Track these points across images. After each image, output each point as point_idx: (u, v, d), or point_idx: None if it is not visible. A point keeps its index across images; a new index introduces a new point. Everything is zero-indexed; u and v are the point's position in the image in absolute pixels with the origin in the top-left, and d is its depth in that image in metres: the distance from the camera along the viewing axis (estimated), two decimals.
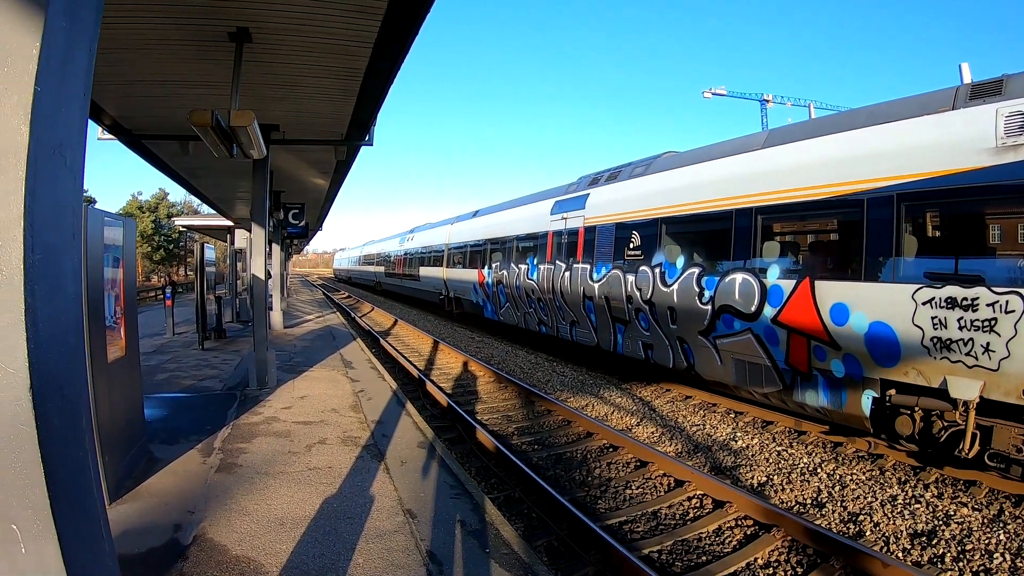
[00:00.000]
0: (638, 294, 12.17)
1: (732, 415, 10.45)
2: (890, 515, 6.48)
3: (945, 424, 7.28)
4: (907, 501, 6.79)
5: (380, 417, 8.85)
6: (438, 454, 7.24)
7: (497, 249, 20.58)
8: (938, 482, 7.34)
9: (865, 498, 6.92)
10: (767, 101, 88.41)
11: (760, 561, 5.68)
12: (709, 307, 10.29)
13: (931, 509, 6.58)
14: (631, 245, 12.63)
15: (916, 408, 7.50)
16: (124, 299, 6.39)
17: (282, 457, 6.99)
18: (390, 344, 18.49)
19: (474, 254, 23.14)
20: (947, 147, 7.13)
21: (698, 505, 6.89)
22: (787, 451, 8.48)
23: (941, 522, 6.29)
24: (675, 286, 11.15)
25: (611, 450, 8.71)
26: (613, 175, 14.51)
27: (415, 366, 14.59)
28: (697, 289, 10.57)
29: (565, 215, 15.72)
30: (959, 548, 5.78)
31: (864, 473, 7.63)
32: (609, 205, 13.85)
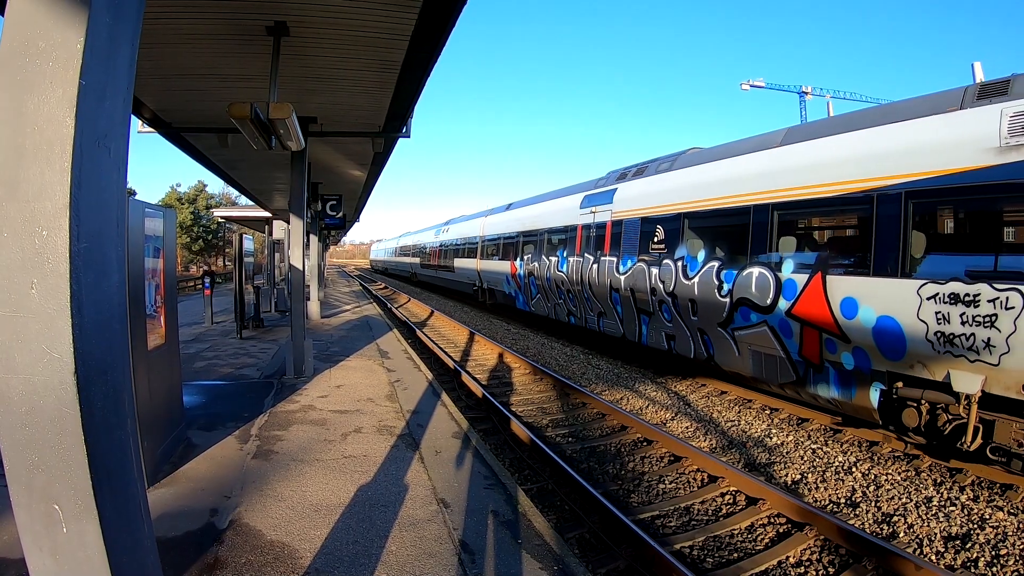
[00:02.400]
0: (661, 286, 12.49)
1: (767, 412, 10.34)
2: (924, 517, 6.36)
3: (950, 417, 7.39)
4: (942, 503, 6.66)
5: (415, 407, 8.92)
6: (472, 444, 7.28)
7: (529, 241, 20.96)
8: (974, 485, 7.18)
9: (900, 499, 6.80)
10: (806, 93, 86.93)
11: (792, 560, 5.62)
12: (728, 300, 10.58)
13: (966, 512, 6.44)
14: (655, 239, 12.96)
15: (922, 401, 7.63)
16: (164, 288, 6.52)
17: (318, 445, 7.09)
18: (426, 335, 18.58)
19: (507, 246, 23.51)
20: (953, 146, 7.26)
21: (731, 501, 6.84)
22: (822, 449, 8.37)
23: (976, 526, 6.15)
24: (696, 279, 11.45)
25: (645, 444, 8.67)
26: (640, 171, 14.77)
27: (451, 357, 14.67)
28: (716, 282, 10.87)
29: (594, 209, 16.03)
30: (993, 553, 5.65)
31: (899, 474, 7.50)
32: (635, 200, 14.12)
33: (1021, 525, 6.10)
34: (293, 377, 10.70)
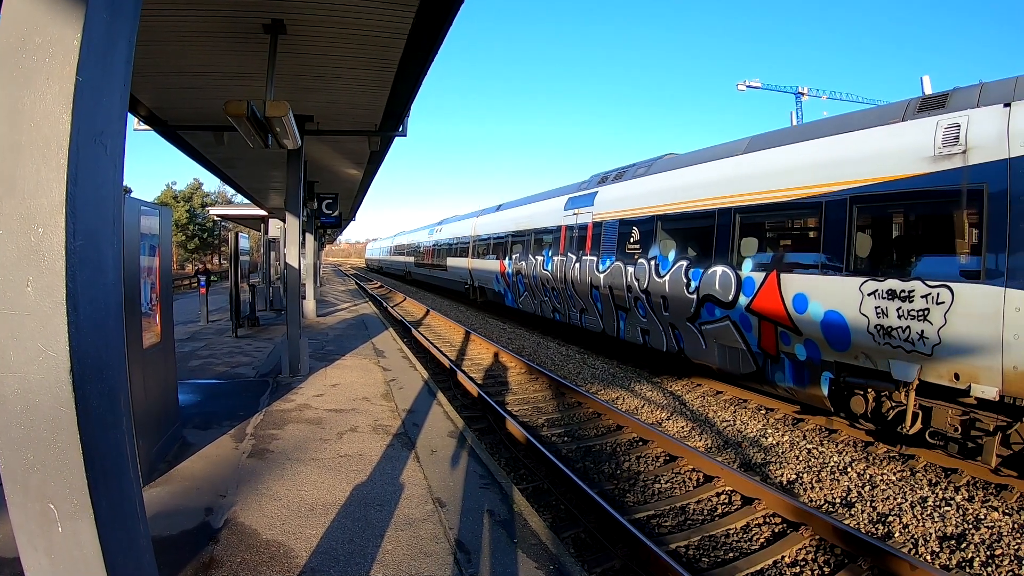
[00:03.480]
0: (637, 284, 13.41)
1: (763, 411, 10.36)
2: (920, 517, 6.37)
3: (892, 404, 8.11)
4: (937, 503, 6.68)
5: (411, 406, 8.91)
6: (468, 444, 7.28)
7: (517, 241, 21.93)
8: (969, 485, 7.20)
9: (895, 499, 6.81)
10: (802, 94, 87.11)
11: (787, 559, 5.63)
12: (695, 296, 11.45)
13: (961, 512, 6.45)
14: (631, 239, 13.86)
15: (867, 389, 8.39)
16: (160, 286, 6.50)
17: (313, 444, 7.08)
18: (422, 334, 18.58)
19: (496, 246, 24.49)
20: (894, 155, 8.00)
21: (727, 501, 6.85)
22: (817, 449, 8.39)
23: (971, 526, 6.17)
24: (667, 277, 12.35)
25: (641, 444, 8.68)
26: (619, 175, 15.69)
27: (446, 356, 14.66)
28: (685, 280, 11.75)
29: (576, 211, 16.97)
30: (988, 553, 5.66)
31: (894, 474, 7.52)
32: (614, 203, 15.05)
33: (1016, 525, 6.12)
34: (289, 376, 10.69)
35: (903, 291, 7.60)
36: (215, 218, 51.23)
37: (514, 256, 21.94)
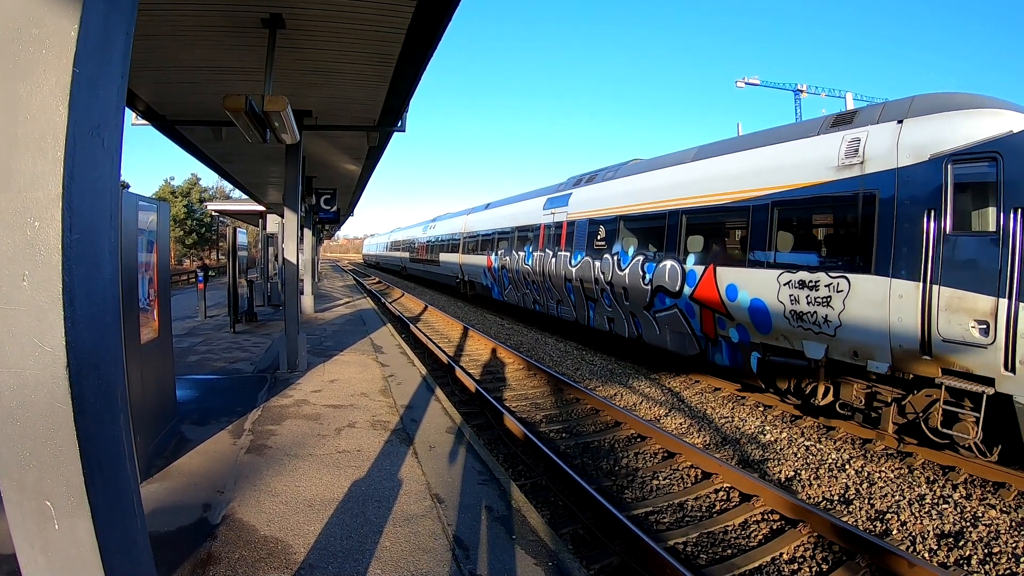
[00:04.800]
0: (602, 277, 14.93)
1: (761, 408, 10.36)
2: (917, 514, 6.38)
3: (810, 380, 9.38)
4: (935, 501, 6.68)
5: (409, 402, 8.91)
6: (466, 440, 7.27)
7: (502, 238, 23.45)
8: (967, 483, 7.21)
9: (893, 496, 6.82)
10: (801, 91, 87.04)
11: (785, 556, 5.63)
12: (649, 287, 12.92)
13: (959, 510, 6.46)
14: (599, 237, 15.40)
15: (788, 367, 9.64)
16: (157, 282, 6.48)
17: (311, 440, 7.07)
18: (420, 330, 18.58)
19: (484, 242, 25.98)
20: (808, 165, 9.27)
21: (725, 498, 6.85)
22: (815, 446, 8.39)
23: (969, 523, 6.17)
24: (627, 270, 13.82)
25: (639, 440, 8.68)
26: (591, 178, 17.23)
27: (444, 352, 14.65)
28: (641, 273, 13.21)
29: (553, 211, 18.57)
30: (986, 551, 5.67)
31: (892, 471, 7.52)
32: (585, 203, 16.65)
33: (1014, 523, 6.13)
34: (287, 371, 10.68)
35: (811, 281, 8.92)
36: (213, 213, 51.07)
37: (500, 252, 23.45)
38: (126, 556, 2.31)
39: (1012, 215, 6.76)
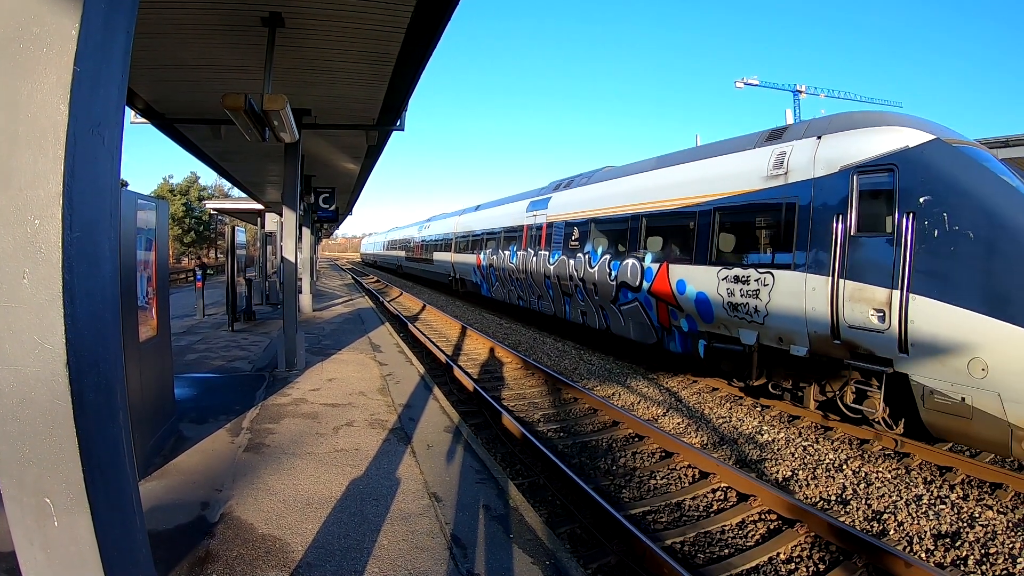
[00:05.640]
0: (576, 274, 16.30)
1: (759, 408, 10.38)
2: (914, 515, 6.39)
3: (747, 364, 10.40)
4: (932, 501, 6.70)
5: (407, 401, 8.91)
6: (464, 439, 7.28)
7: (490, 238, 24.82)
8: (964, 483, 7.24)
9: (890, 497, 6.83)
10: (800, 92, 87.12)
11: (783, 556, 5.64)
12: (614, 283, 14.24)
13: (956, 510, 6.48)
14: (574, 238, 16.78)
15: (728, 352, 10.84)
16: (156, 280, 6.49)
17: (309, 438, 7.07)
18: (418, 329, 18.60)
19: (474, 242, 27.39)
20: (744, 175, 10.54)
21: (722, 498, 6.86)
22: (813, 446, 8.40)
23: (966, 524, 6.19)
24: (596, 268, 15.19)
25: (637, 440, 8.70)
26: (568, 183, 18.72)
27: (442, 351, 14.66)
28: (608, 270, 14.57)
29: (535, 213, 20.01)
30: (983, 551, 5.68)
31: (890, 471, 7.54)
32: (562, 207, 18.09)
33: (1010, 524, 6.14)
34: (285, 370, 10.68)
35: (743, 276, 10.12)
36: (211, 212, 51.05)
37: (488, 251, 24.87)
38: (125, 553, 2.32)
39: (905, 218, 7.75)
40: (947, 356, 7.34)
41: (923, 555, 5.68)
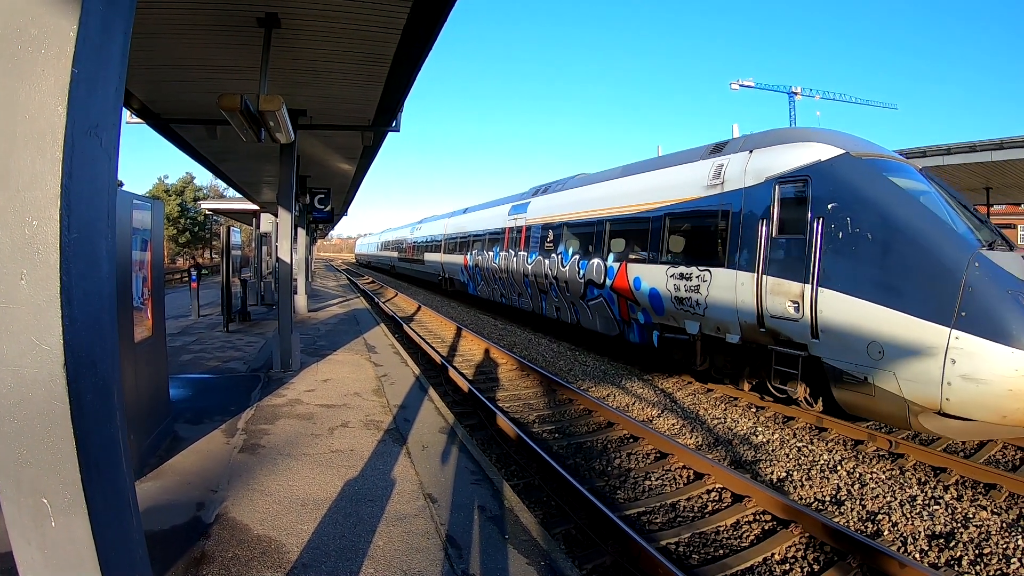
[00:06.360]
0: (550, 273, 17.73)
1: (753, 409, 10.40)
2: (909, 515, 6.41)
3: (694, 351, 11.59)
4: (926, 502, 6.72)
5: (402, 402, 8.92)
6: (459, 439, 7.28)
7: (476, 240, 26.19)
8: (958, 484, 7.27)
9: (884, 497, 6.85)
10: (795, 93, 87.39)
11: (777, 557, 5.66)
12: (583, 281, 15.57)
13: (950, 511, 6.50)
14: (549, 240, 18.19)
15: (676, 341, 12.05)
16: (151, 280, 6.48)
17: (305, 439, 7.07)
18: (413, 330, 18.59)
19: (461, 243, 28.84)
20: (689, 184, 11.82)
21: (717, 498, 6.88)
22: (807, 447, 8.43)
23: (960, 524, 6.20)
24: (568, 267, 16.55)
25: (632, 440, 8.71)
26: (546, 189, 20.25)
27: (437, 352, 14.67)
28: (577, 269, 15.90)
29: (516, 216, 21.45)
30: (977, 551, 5.70)
31: (884, 472, 7.56)
32: (540, 211, 19.50)
33: (1004, 524, 6.16)
34: (280, 371, 10.68)
35: (687, 274, 11.40)
36: (207, 212, 51.01)
37: (474, 252, 26.28)
38: (122, 554, 2.32)
39: (816, 222, 8.86)
40: (850, 341, 8.40)
41: (917, 555, 5.71)
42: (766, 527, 6.19)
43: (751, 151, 10.58)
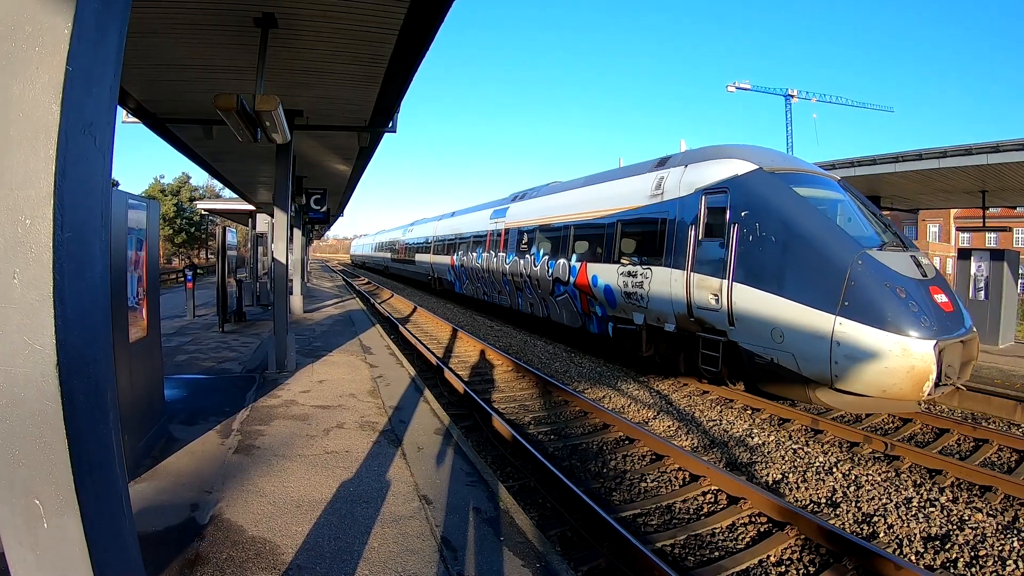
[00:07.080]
0: (525, 272, 19.40)
1: (749, 411, 10.41)
2: (904, 517, 6.42)
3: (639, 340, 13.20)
4: (922, 504, 6.73)
5: (398, 403, 8.90)
6: (454, 441, 7.27)
7: (462, 242, 27.80)
8: (953, 486, 7.28)
9: (880, 499, 6.86)
10: (792, 96, 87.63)
11: (773, 559, 5.65)
12: (551, 279, 17.32)
13: (945, 513, 6.51)
14: (524, 242, 19.85)
15: (626, 331, 13.66)
16: (147, 280, 6.46)
17: (300, 440, 7.05)
18: (409, 331, 18.54)
19: (449, 245, 30.39)
20: (636, 193, 13.53)
21: (712, 500, 6.87)
22: (803, 449, 8.43)
23: (955, 526, 6.21)
24: (539, 267, 18.26)
25: (627, 442, 8.70)
26: (523, 195, 21.82)
27: (433, 353, 14.63)
28: (547, 268, 17.64)
29: (496, 220, 23.12)
30: (972, 553, 5.71)
31: (880, 474, 7.57)
32: (517, 216, 21.14)
33: (1000, 527, 6.18)
34: (275, 372, 10.65)
35: (633, 271, 13.00)
36: (203, 212, 50.89)
37: (460, 253, 27.80)
38: (115, 555, 2.31)
39: (732, 227, 10.39)
40: (758, 327, 9.83)
41: (913, 557, 5.71)
42: (762, 529, 6.18)
43: (687, 165, 12.20)
